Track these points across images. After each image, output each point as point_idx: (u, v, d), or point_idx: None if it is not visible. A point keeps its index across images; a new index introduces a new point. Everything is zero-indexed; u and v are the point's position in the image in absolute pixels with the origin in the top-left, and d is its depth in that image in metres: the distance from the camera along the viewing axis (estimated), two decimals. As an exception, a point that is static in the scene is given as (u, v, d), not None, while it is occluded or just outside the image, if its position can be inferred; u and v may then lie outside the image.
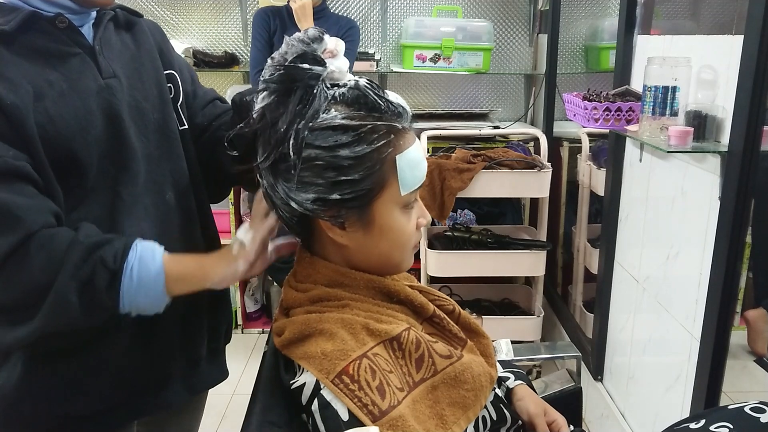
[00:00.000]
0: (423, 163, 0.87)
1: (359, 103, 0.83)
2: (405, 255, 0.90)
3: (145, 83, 1.00)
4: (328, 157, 0.80)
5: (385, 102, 0.84)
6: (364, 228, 0.85)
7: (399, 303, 0.90)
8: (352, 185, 0.81)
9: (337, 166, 0.80)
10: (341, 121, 0.81)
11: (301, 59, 0.82)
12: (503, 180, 2.28)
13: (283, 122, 0.81)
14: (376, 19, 3.06)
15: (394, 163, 0.83)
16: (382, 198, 0.84)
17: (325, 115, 0.81)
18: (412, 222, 0.89)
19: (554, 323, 2.71)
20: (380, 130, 0.82)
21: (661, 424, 1.03)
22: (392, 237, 0.87)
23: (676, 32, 1.69)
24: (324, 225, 0.85)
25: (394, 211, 0.85)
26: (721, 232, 1.35)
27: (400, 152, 0.83)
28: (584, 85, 3.04)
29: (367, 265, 0.89)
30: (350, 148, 0.80)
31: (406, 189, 0.84)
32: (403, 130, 0.85)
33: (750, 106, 1.23)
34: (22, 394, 0.93)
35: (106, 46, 0.96)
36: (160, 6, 3.02)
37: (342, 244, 0.86)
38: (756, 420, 0.85)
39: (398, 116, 0.85)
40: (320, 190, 0.81)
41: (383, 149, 0.82)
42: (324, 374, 0.77)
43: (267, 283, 3.10)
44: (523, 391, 1.05)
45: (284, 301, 0.91)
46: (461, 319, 0.98)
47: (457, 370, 0.86)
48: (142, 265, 0.86)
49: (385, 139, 0.82)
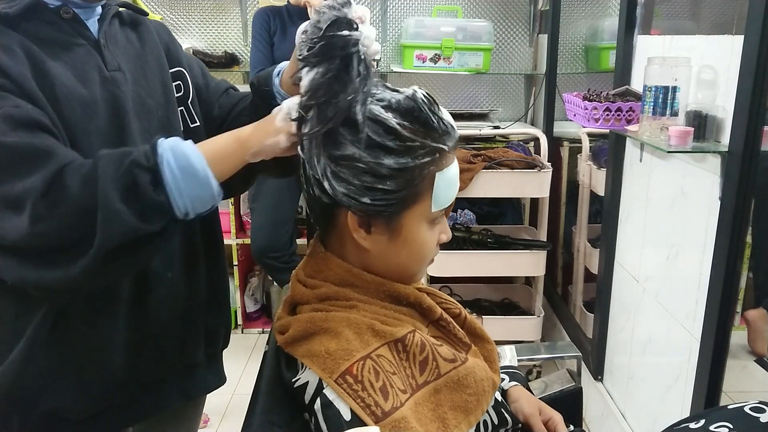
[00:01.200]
0: (456, 183, 0.88)
1: (413, 115, 0.82)
2: (421, 268, 0.91)
3: (150, 81, 0.99)
4: (371, 162, 0.79)
5: (438, 119, 0.83)
6: (390, 236, 0.84)
7: (407, 306, 0.90)
8: (385, 194, 0.81)
9: (377, 174, 0.80)
10: (395, 125, 0.80)
11: (337, 26, 0.80)
12: (503, 180, 2.28)
13: (345, 94, 0.79)
14: (376, 19, 3.06)
15: (432, 180, 0.83)
16: (412, 211, 0.83)
17: (382, 114, 0.80)
18: (435, 237, 0.89)
19: (554, 323, 2.71)
20: (427, 148, 0.82)
21: (661, 424, 1.03)
22: (414, 249, 0.87)
23: (676, 32, 1.69)
24: (351, 224, 0.84)
25: (422, 224, 0.85)
26: (721, 232, 1.35)
27: (441, 170, 0.83)
28: (584, 85, 3.04)
29: (383, 271, 0.88)
30: (395, 159, 0.80)
31: (438, 206, 0.85)
32: (447, 150, 0.84)
33: (750, 106, 1.23)
34: (19, 382, 0.92)
35: (111, 41, 0.96)
36: (160, 6, 3.02)
37: (364, 247, 0.85)
38: (756, 420, 0.85)
39: (447, 135, 0.85)
40: (352, 190, 0.81)
41: (426, 166, 0.82)
42: (327, 373, 0.77)
43: (267, 283, 3.10)
44: (518, 393, 1.06)
45: (291, 296, 0.90)
46: (467, 324, 0.98)
47: (460, 374, 0.86)
48: (176, 153, 0.81)
49: (430, 157, 0.82)
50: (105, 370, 0.97)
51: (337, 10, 0.81)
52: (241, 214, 2.95)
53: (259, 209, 2.59)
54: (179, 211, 0.81)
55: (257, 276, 3.06)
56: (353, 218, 0.83)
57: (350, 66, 0.80)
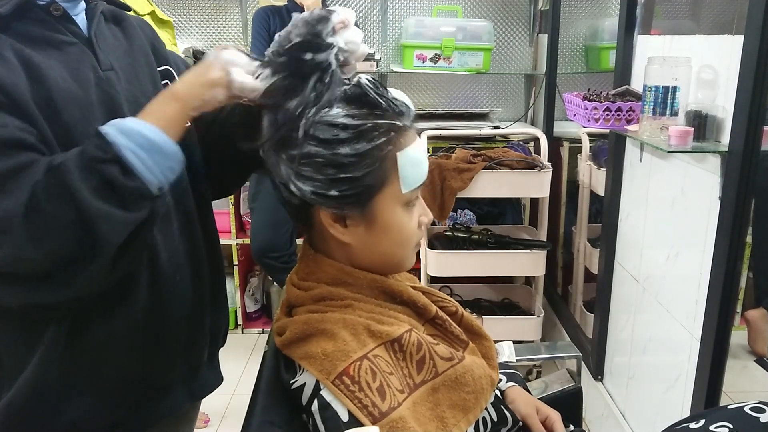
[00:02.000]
0: (424, 161, 0.87)
1: (360, 101, 0.83)
2: (407, 253, 0.90)
3: (141, 79, 0.96)
4: (329, 155, 0.80)
5: (386, 100, 0.84)
6: (366, 225, 0.85)
7: (402, 304, 0.90)
8: (351, 182, 0.81)
9: (337, 164, 0.80)
10: (342, 119, 0.81)
11: (304, 48, 0.81)
12: (503, 180, 2.28)
13: (295, 105, 0.80)
14: (376, 19, 3.06)
15: (395, 161, 0.83)
16: (382, 195, 0.84)
17: (328, 111, 0.81)
18: (414, 220, 0.89)
19: (554, 323, 2.71)
20: (381, 128, 0.82)
21: (661, 424, 1.03)
22: (394, 235, 0.86)
23: (676, 32, 1.69)
24: (326, 221, 0.84)
25: (396, 208, 0.85)
26: (721, 232, 1.35)
27: (401, 150, 0.83)
28: (584, 85, 3.04)
29: (369, 263, 0.89)
30: (350, 146, 0.80)
31: (407, 187, 0.84)
32: (404, 128, 0.84)
33: (750, 106, 1.23)
34: (37, 396, 0.90)
35: (101, 38, 0.93)
36: (160, 6, 3.01)
37: (344, 241, 0.86)
38: (756, 420, 0.85)
39: (400, 114, 0.85)
40: (318, 186, 0.81)
41: (383, 147, 0.82)
42: (324, 375, 0.77)
43: (267, 283, 3.10)
44: (515, 393, 1.06)
45: (287, 300, 0.91)
46: (463, 321, 0.98)
47: (458, 372, 0.86)
48: (128, 134, 0.78)
49: (386, 137, 0.82)
50: (122, 377, 0.95)
51: (311, 27, 0.82)
52: (241, 214, 2.94)
53: (258, 209, 2.59)
54: (156, 188, 0.81)
55: (257, 276, 3.06)
56: (327, 215, 0.84)
57: (307, 83, 0.80)
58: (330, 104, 0.81)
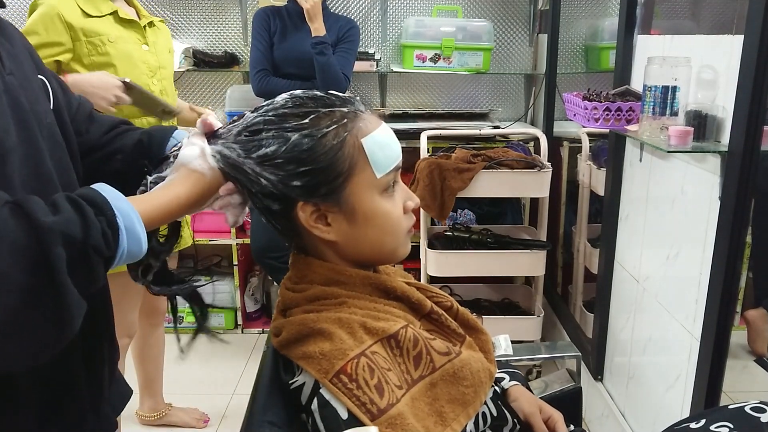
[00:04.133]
0: (393, 143, 0.86)
1: (302, 99, 0.84)
2: (398, 241, 0.89)
3: (32, 83, 0.86)
4: (286, 154, 0.80)
5: (330, 94, 0.85)
6: (348, 219, 0.84)
7: (396, 299, 0.90)
8: (315, 174, 0.81)
9: (297, 160, 0.80)
10: (292, 108, 0.82)
11: None
12: (503, 180, 2.28)
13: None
14: (376, 19, 3.06)
15: (359, 148, 0.82)
16: (354, 184, 0.83)
17: (273, 103, 0.84)
18: (398, 206, 0.88)
19: (554, 323, 2.71)
20: (333, 116, 0.82)
21: (661, 424, 1.03)
22: (379, 223, 0.86)
23: (676, 32, 1.69)
24: (307, 224, 0.84)
25: (374, 196, 0.85)
26: (721, 232, 1.35)
27: (365, 135, 0.83)
28: (584, 85, 3.03)
29: (360, 257, 0.88)
30: (299, 134, 0.80)
31: (380, 171, 0.84)
32: (358, 114, 0.84)
33: (750, 106, 1.23)
34: None
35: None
36: (160, 6, 3.02)
37: (330, 240, 0.85)
38: (756, 420, 0.86)
39: (350, 103, 0.85)
40: (282, 176, 0.81)
41: (338, 133, 0.81)
42: (322, 374, 0.77)
43: (267, 283, 3.10)
44: (517, 392, 1.06)
45: (281, 303, 0.91)
46: (459, 316, 0.98)
47: (455, 366, 0.86)
48: (131, 239, 0.71)
49: (339, 123, 0.82)
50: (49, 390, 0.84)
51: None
52: (241, 214, 2.94)
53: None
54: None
55: (257, 276, 3.06)
56: (307, 216, 0.83)
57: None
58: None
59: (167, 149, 0.94)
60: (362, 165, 0.83)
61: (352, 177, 0.83)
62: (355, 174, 0.83)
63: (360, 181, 0.83)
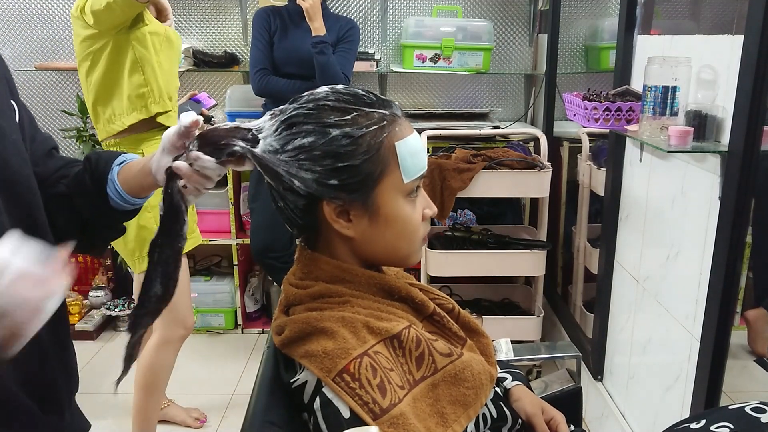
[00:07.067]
0: (423, 152, 0.88)
1: (344, 96, 0.84)
2: (413, 247, 0.90)
3: (4, 108, 0.86)
4: (324, 146, 0.81)
5: (373, 94, 0.85)
6: (370, 217, 0.85)
7: (400, 300, 0.90)
8: (350, 171, 0.82)
9: (334, 154, 0.81)
10: (329, 102, 0.83)
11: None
12: (503, 180, 2.28)
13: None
14: (376, 19, 3.06)
15: (393, 150, 0.83)
16: (383, 185, 0.84)
17: (315, 94, 0.84)
18: (418, 212, 0.89)
19: (554, 323, 2.71)
20: (372, 117, 0.83)
21: (661, 424, 1.03)
22: (398, 227, 0.87)
23: (676, 32, 1.69)
24: (330, 217, 0.85)
25: (398, 199, 0.86)
26: (721, 232, 1.35)
27: (399, 139, 0.84)
28: (584, 85, 3.04)
29: (372, 257, 0.89)
30: (341, 130, 0.81)
31: (408, 176, 0.85)
32: (396, 117, 0.86)
33: (750, 106, 1.23)
34: None
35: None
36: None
37: (348, 236, 0.86)
38: (756, 420, 0.86)
39: (389, 106, 0.86)
40: (318, 176, 0.82)
41: (377, 134, 0.83)
42: (325, 373, 0.77)
43: (267, 283, 3.10)
44: (520, 392, 1.06)
45: (284, 299, 0.91)
46: (461, 318, 0.99)
47: (457, 368, 0.87)
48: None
49: (378, 125, 0.83)
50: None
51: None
52: (240, 214, 2.94)
53: (258, 209, 2.59)
54: None
55: (257, 276, 3.06)
56: (330, 210, 0.84)
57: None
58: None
59: (114, 164, 0.94)
60: (392, 168, 0.84)
61: (383, 178, 0.84)
62: (385, 176, 0.84)
63: (388, 183, 0.84)
